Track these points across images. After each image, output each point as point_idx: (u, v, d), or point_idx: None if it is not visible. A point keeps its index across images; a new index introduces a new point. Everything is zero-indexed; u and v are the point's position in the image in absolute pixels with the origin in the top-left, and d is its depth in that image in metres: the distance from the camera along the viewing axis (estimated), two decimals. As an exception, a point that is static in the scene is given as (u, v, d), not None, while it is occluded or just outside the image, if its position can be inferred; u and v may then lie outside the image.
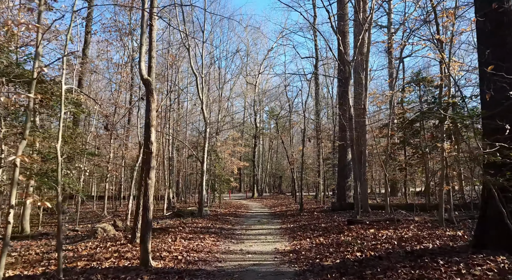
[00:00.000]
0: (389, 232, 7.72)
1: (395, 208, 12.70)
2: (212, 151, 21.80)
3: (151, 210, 5.35)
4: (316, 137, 24.72)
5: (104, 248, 6.92)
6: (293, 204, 21.39)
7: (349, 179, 15.25)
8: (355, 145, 11.03)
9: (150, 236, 5.34)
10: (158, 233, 9.00)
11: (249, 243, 8.08)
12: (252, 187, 36.63)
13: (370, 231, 8.01)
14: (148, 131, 5.40)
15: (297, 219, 12.82)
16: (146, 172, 5.41)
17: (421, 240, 6.35)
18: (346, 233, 8.09)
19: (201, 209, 14.12)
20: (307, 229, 9.68)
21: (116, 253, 6.33)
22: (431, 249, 5.36)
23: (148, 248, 5.18)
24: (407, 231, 7.60)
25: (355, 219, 9.72)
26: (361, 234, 7.67)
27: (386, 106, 22.28)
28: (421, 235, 6.96)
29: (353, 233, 7.98)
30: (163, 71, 18.15)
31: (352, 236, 7.58)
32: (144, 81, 5.47)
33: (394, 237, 6.94)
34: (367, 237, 7.24)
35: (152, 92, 5.47)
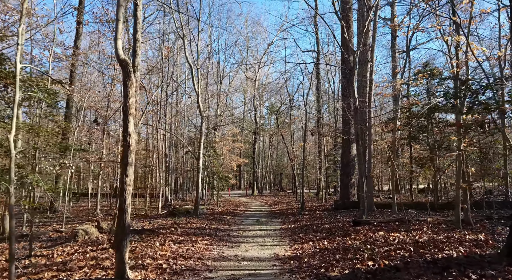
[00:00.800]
0: (401, 235, 6.94)
1: (403, 207, 11.94)
2: (210, 147, 21.04)
3: (128, 213, 4.58)
4: (317, 131, 23.93)
5: (82, 254, 6.16)
6: (293, 202, 20.64)
7: (353, 176, 14.48)
8: (361, 139, 10.23)
9: (128, 242, 4.57)
10: (146, 235, 8.26)
11: (246, 246, 7.31)
12: (252, 184, 35.91)
13: (379, 233, 7.24)
14: (126, 120, 4.62)
15: (298, 218, 12.06)
16: (123, 169, 4.63)
17: (440, 245, 5.57)
18: (353, 235, 7.32)
19: (196, 207, 13.37)
20: (309, 231, 8.92)
21: (93, 260, 5.56)
22: (456, 258, 4.59)
23: (124, 257, 4.41)
24: (421, 234, 6.82)
25: (362, 220, 8.96)
26: (370, 238, 6.89)
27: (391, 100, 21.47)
28: (438, 239, 6.19)
29: (360, 236, 7.21)
30: (158, 63, 17.36)
31: (360, 239, 6.81)
32: (120, 62, 4.68)
33: (408, 242, 6.16)
34: (377, 241, 6.47)
35: (130, 75, 4.68)
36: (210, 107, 25.49)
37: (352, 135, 14.58)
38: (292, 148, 24.44)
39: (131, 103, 4.65)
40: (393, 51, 23.33)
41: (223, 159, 23.60)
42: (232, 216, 13.65)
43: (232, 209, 16.93)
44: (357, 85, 15.03)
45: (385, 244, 6.14)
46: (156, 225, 10.91)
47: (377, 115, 13.65)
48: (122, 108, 4.62)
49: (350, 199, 14.13)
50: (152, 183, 21.08)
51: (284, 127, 27.16)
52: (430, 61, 16.86)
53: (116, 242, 4.50)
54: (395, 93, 16.90)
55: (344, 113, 14.38)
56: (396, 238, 6.57)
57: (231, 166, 26.99)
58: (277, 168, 44.39)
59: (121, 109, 4.66)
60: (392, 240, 6.44)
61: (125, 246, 4.44)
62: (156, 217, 13.51)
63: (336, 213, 12.67)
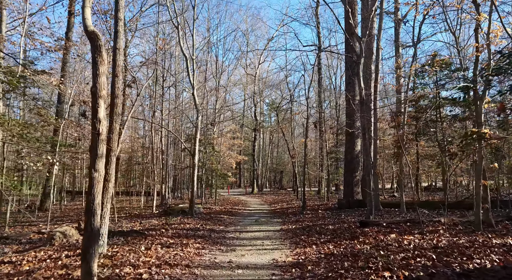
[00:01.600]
0: (415, 238, 6.18)
1: (416, 207, 11.19)
2: (208, 144, 20.27)
3: (98, 215, 3.81)
4: (319, 128, 23.12)
5: (54, 261, 5.41)
6: (294, 201, 19.90)
7: (357, 174, 13.71)
8: (367, 133, 9.45)
9: (97, 251, 3.81)
10: (133, 237, 7.50)
11: (242, 251, 6.55)
12: (252, 182, 35.17)
13: (391, 236, 6.48)
14: (95, 104, 3.83)
15: (300, 218, 11.31)
16: (91, 162, 3.85)
17: (465, 252, 4.81)
18: (361, 238, 6.55)
19: (192, 207, 12.62)
20: (312, 232, 8.15)
21: (63, 269, 4.81)
22: (492, 269, 3.82)
23: (92, 269, 3.65)
24: (439, 237, 6.06)
25: (369, 220, 8.19)
26: (381, 241, 6.13)
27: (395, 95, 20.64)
28: (461, 243, 5.43)
29: (370, 239, 6.44)
30: (153, 56, 16.58)
31: (370, 243, 6.04)
32: (89, 35, 3.91)
33: (426, 246, 5.40)
34: (390, 245, 5.70)
35: (100, 50, 3.89)
36: (209, 103, 24.64)
37: (357, 130, 13.81)
38: (293, 145, 23.66)
39: (101, 84, 3.86)
40: (397, 45, 22.55)
41: (222, 156, 22.80)
42: (229, 216, 12.90)
43: (230, 208, 16.18)
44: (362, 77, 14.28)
45: (400, 249, 5.37)
46: (147, 225, 10.17)
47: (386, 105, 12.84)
48: (91, 89, 3.84)
49: (354, 197, 13.37)
50: (147, 181, 20.31)
51: (284, 122, 26.35)
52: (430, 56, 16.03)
53: (83, 250, 3.73)
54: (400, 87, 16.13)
55: (349, 106, 13.59)
56: (411, 242, 5.80)
57: (230, 164, 26.22)
58: (278, 166, 43.64)
59: (90, 91, 3.87)
60: (407, 244, 5.67)
61: (93, 255, 3.68)
62: (149, 217, 12.77)
63: (339, 212, 11.92)
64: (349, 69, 13.94)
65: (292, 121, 31.55)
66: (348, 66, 14.19)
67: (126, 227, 9.99)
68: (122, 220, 12.15)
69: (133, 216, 13.66)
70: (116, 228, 10.19)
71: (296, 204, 17.57)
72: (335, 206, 13.75)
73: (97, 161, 3.83)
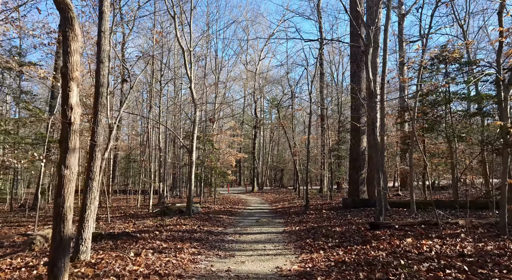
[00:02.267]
0: (435, 243, 5.55)
1: (420, 206, 10.57)
2: (207, 141, 19.63)
3: (68, 221, 3.18)
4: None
5: (30, 270, 4.78)
6: (296, 200, 19.27)
7: (363, 171, 13.07)
8: (375, 127, 8.79)
9: (67, 264, 3.17)
10: (123, 241, 6.87)
11: (242, 256, 5.92)
12: (252, 181, 34.55)
13: (407, 240, 5.84)
14: (66, 87, 3.19)
15: (303, 219, 10.68)
16: (61, 156, 3.21)
17: (500, 262, 4.17)
18: (374, 243, 5.92)
19: (189, 206, 12.00)
20: (318, 235, 7.53)
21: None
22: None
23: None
24: (461, 243, 5.43)
25: (380, 222, 7.55)
26: (397, 247, 5.49)
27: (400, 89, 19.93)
28: (489, 251, 4.80)
29: (384, 244, 5.80)
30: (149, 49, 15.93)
31: (385, 249, 5.41)
32: (58, 5, 3.25)
33: (450, 254, 4.77)
34: (409, 252, 5.07)
35: (71, 23, 3.24)
36: (209, 101, 23.95)
37: (362, 125, 13.16)
38: (294, 142, 23.01)
39: (73, 63, 3.22)
40: (400, 39, 21.87)
41: (221, 154, 22.16)
42: (229, 216, 12.28)
43: (229, 208, 15.56)
44: (364, 73, 13.62)
45: (421, 257, 4.74)
46: (141, 226, 9.55)
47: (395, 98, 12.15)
48: (61, 69, 3.19)
49: (360, 196, 12.74)
50: (144, 180, 19.68)
51: (286, 118, 25.70)
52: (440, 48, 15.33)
53: (49, 264, 3.09)
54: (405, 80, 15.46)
55: (354, 100, 12.94)
56: (431, 248, 5.17)
57: (229, 162, 25.58)
58: (278, 164, 43.01)
59: (60, 72, 3.23)
60: (428, 251, 5.04)
61: (62, 269, 3.05)
62: (145, 217, 12.16)
63: (345, 212, 11.30)
64: (354, 62, 13.27)
65: (293, 119, 30.93)
66: (353, 58, 13.53)
67: (119, 229, 9.38)
68: (116, 220, 11.54)
69: (128, 216, 13.04)
70: (108, 229, 9.58)
71: (298, 203, 16.95)
72: (340, 206, 13.13)
73: (68, 156, 3.18)
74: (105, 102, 5.43)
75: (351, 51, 13.77)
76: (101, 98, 5.40)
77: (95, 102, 5.40)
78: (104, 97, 5.44)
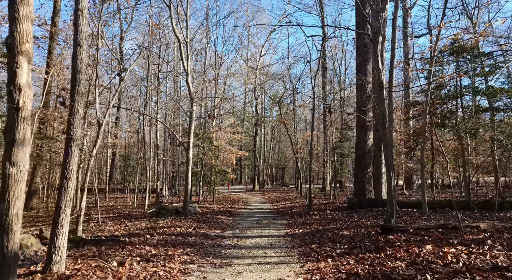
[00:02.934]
0: (460, 251, 4.86)
1: (435, 207, 9.89)
2: (206, 138, 18.96)
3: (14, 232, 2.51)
4: (324, 120, 21.77)
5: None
6: (298, 199, 18.61)
7: (370, 170, 12.38)
8: (386, 122, 8.08)
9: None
10: (108, 246, 6.21)
11: (240, 266, 5.26)
12: (253, 179, 33.91)
13: (427, 248, 5.16)
14: (13, 63, 2.51)
15: (307, 220, 10.01)
16: (6, 151, 2.53)
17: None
18: (390, 251, 5.24)
19: (185, 206, 11.35)
20: (323, 239, 6.85)
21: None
22: None
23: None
24: (490, 251, 4.74)
25: (392, 225, 6.86)
26: (417, 255, 4.81)
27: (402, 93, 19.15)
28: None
29: (400, 251, 5.12)
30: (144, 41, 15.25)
31: (404, 259, 4.72)
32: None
33: (483, 266, 4.08)
34: (433, 263, 4.38)
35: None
36: (208, 98, 23.23)
37: (369, 121, 12.47)
38: (296, 139, 22.32)
39: (23, 33, 2.53)
40: (405, 34, 21.14)
41: (221, 151, 21.50)
42: (227, 217, 11.61)
43: (229, 207, 14.90)
44: (371, 66, 12.91)
45: (448, 270, 4.05)
46: (132, 229, 8.90)
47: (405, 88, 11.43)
48: (6, 40, 2.51)
49: (366, 196, 12.06)
50: (141, 178, 19.02)
51: (287, 115, 24.99)
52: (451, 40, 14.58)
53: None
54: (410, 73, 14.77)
55: (360, 94, 12.23)
56: (457, 258, 4.48)
57: (229, 160, 24.93)
58: (279, 162, 42.35)
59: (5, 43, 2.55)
60: (454, 262, 4.35)
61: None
62: (139, 218, 11.52)
63: (351, 213, 10.62)
64: (360, 54, 12.56)
65: (295, 116, 30.20)
66: (359, 51, 12.81)
67: (109, 231, 8.73)
68: (108, 221, 10.90)
69: (121, 216, 12.40)
70: (98, 231, 8.94)
71: (300, 202, 16.28)
72: (345, 206, 12.46)
73: (15, 150, 2.50)
74: (83, 91, 4.75)
75: (357, 43, 13.05)
76: (78, 86, 4.72)
77: (71, 90, 4.73)
78: (82, 85, 4.76)
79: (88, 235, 8.03)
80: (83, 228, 9.59)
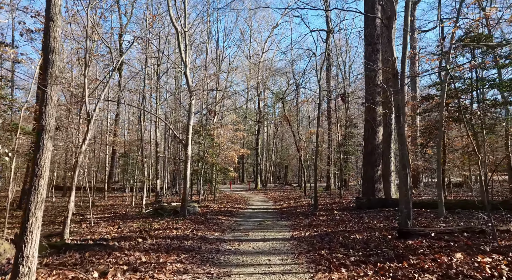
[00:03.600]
0: (499, 261, 4.15)
1: (447, 207, 9.18)
2: (206, 135, 18.29)
3: None
4: (328, 117, 21.04)
5: None
6: (302, 198, 17.92)
7: (379, 167, 11.66)
8: (402, 114, 7.35)
9: None
10: (93, 253, 5.54)
11: (240, 277, 4.58)
12: (255, 178, 33.25)
13: (457, 256, 4.46)
14: None
15: (313, 221, 9.32)
16: None
17: None
18: (413, 260, 4.53)
19: (184, 206, 10.71)
20: (334, 244, 6.15)
21: None
22: None
23: None
24: (534, 261, 4.03)
25: (410, 229, 6.14)
26: (447, 266, 4.11)
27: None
28: None
29: (427, 261, 4.42)
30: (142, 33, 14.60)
31: (433, 271, 4.02)
32: None
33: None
34: (470, 278, 3.68)
35: None
36: (209, 94, 22.55)
37: (378, 116, 11.74)
38: (299, 137, 21.60)
39: None
40: (412, 27, 20.35)
41: (222, 149, 20.79)
42: (228, 217, 10.94)
43: (230, 207, 14.24)
44: (380, 57, 12.18)
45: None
46: (125, 230, 8.25)
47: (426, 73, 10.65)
48: None
49: (376, 195, 11.35)
50: (139, 177, 18.38)
51: (291, 111, 24.31)
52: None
53: None
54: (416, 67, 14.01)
55: (370, 86, 11.50)
56: (499, 271, 3.77)
57: (231, 158, 24.24)
58: (282, 160, 41.65)
59: None
60: (496, 276, 3.65)
61: None
62: (134, 218, 10.88)
63: (360, 213, 9.91)
64: (369, 45, 11.82)
65: (299, 113, 29.45)
66: (368, 41, 12.07)
67: (100, 234, 8.08)
68: (102, 222, 10.26)
69: (117, 216, 11.77)
70: (88, 233, 8.30)
71: (305, 202, 15.59)
72: (352, 206, 11.76)
73: None
74: (57, 73, 4.08)
75: (366, 32, 12.30)
76: (51, 68, 4.05)
77: (43, 73, 4.06)
78: (56, 67, 4.08)
79: (77, 238, 7.39)
80: (74, 230, 8.97)
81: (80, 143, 11.54)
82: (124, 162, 27.93)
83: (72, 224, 10.27)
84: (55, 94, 4.12)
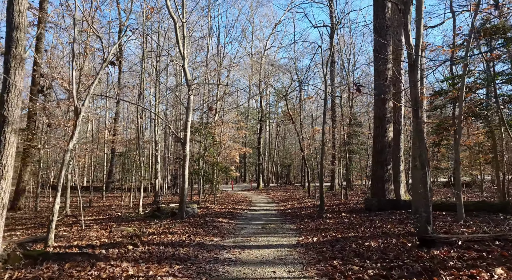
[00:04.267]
0: (549, 278, 3.46)
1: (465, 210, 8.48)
2: (207, 133, 17.64)
3: None
4: (332, 115, 20.33)
5: None
6: (306, 198, 17.24)
7: (390, 167, 10.97)
8: (419, 108, 6.66)
9: None
10: (74, 264, 4.88)
11: (241, 294, 3.90)
12: (257, 177, 32.59)
13: (497, 272, 3.77)
14: None
15: (320, 224, 8.64)
16: None
17: None
18: (444, 275, 3.84)
19: (182, 208, 10.05)
20: (347, 252, 5.47)
21: None
22: None
23: None
24: None
25: (435, 236, 5.44)
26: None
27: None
28: None
29: (462, 277, 3.73)
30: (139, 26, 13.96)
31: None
32: None
33: None
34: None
35: None
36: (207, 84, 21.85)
37: (388, 112, 11.05)
38: (302, 136, 20.88)
39: None
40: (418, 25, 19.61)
41: (223, 148, 20.13)
42: (229, 219, 10.28)
43: (231, 208, 13.58)
44: (391, 50, 11.49)
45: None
46: (117, 235, 7.60)
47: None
48: None
49: (386, 197, 10.66)
50: (137, 177, 17.75)
51: (294, 109, 23.60)
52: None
53: None
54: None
55: (380, 80, 10.79)
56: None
57: (233, 157, 23.57)
58: (285, 159, 40.95)
59: None
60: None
61: None
62: (130, 221, 10.25)
63: (370, 216, 9.22)
64: (380, 36, 11.11)
65: (302, 111, 28.74)
66: (377, 33, 11.36)
67: (89, 239, 7.43)
68: (94, 225, 9.62)
69: (111, 219, 11.13)
70: (77, 238, 7.64)
71: (309, 202, 14.91)
72: (360, 207, 11.08)
73: None
74: (22, 55, 3.42)
75: (375, 24, 11.60)
76: (15, 48, 3.39)
77: (5, 54, 3.39)
78: (21, 47, 3.42)
79: (62, 244, 6.74)
80: (63, 234, 8.33)
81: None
82: (123, 161, 27.35)
83: (63, 227, 9.65)
84: (21, 80, 3.46)
